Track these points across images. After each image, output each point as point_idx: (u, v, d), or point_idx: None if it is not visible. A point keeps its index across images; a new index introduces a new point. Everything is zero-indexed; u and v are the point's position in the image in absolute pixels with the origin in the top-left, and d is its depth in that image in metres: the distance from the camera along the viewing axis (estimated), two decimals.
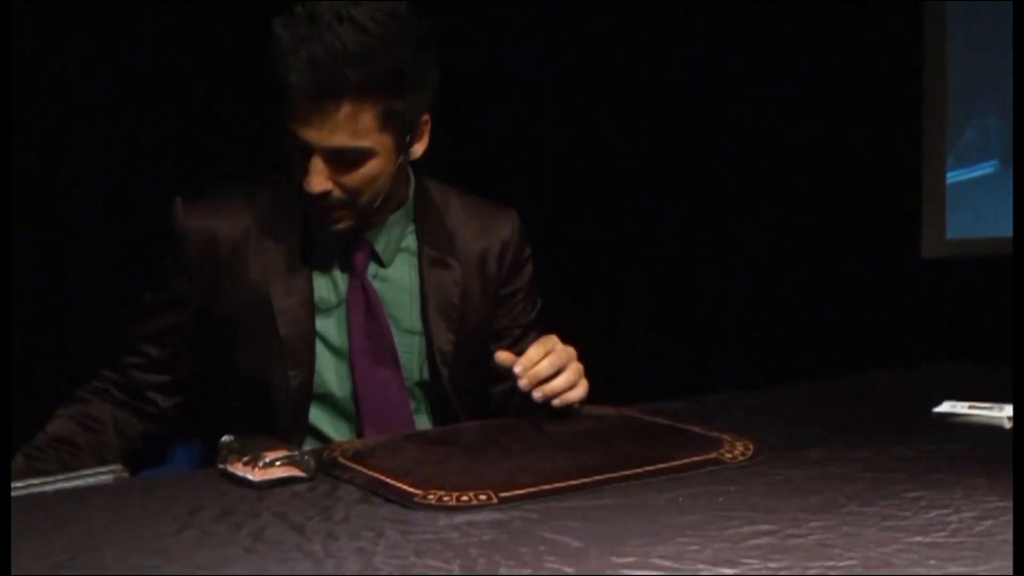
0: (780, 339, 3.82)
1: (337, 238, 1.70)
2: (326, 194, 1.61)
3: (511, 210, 1.90)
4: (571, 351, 1.65)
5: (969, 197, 3.90)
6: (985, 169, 3.90)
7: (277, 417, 1.69)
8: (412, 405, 1.77)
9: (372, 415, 1.71)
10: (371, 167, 1.62)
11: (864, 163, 3.80)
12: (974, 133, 3.91)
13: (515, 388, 1.63)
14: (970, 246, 3.85)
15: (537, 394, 1.60)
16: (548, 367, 1.60)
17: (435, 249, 1.77)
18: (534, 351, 1.61)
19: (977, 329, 3.55)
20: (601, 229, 3.78)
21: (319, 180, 1.59)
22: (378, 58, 1.54)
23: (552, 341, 1.64)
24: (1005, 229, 3.78)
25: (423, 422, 1.79)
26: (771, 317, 3.86)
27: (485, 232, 1.84)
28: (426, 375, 1.76)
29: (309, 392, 1.70)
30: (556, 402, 1.61)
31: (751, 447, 1.42)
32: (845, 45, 3.76)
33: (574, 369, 1.63)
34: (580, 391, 1.64)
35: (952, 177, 3.90)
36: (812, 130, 3.78)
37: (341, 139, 1.57)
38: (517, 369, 1.59)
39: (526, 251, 1.89)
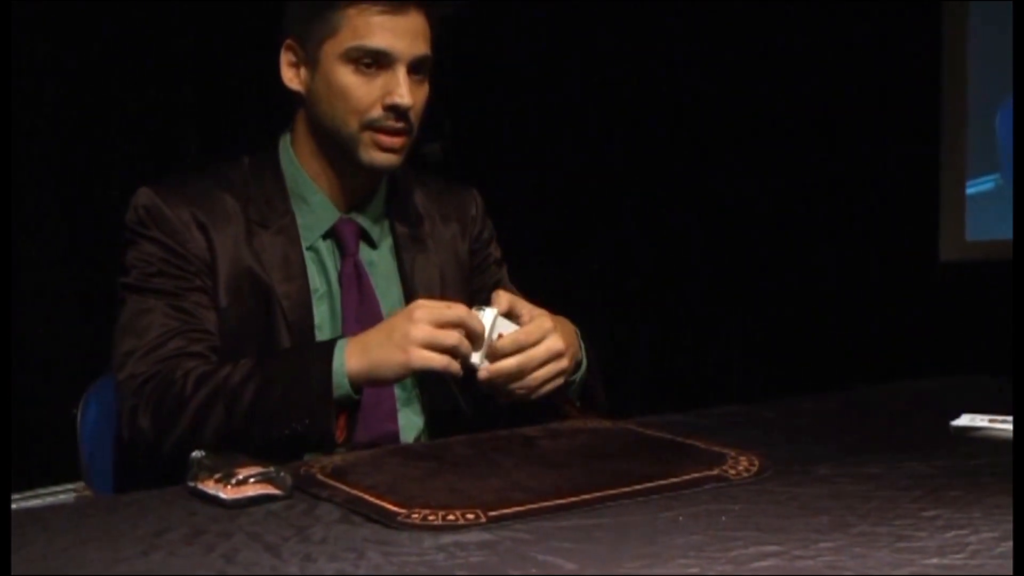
0: (789, 348, 3.83)
1: (381, 176, 1.77)
2: (408, 111, 1.68)
3: (471, 188, 1.99)
4: (553, 348, 1.64)
5: (984, 205, 3.92)
6: (984, 185, 3.93)
7: None
8: (402, 396, 1.79)
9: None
10: (427, 86, 1.73)
11: (881, 167, 3.82)
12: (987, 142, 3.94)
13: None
14: (991, 248, 3.87)
15: (486, 387, 1.61)
16: (514, 367, 1.60)
17: (410, 231, 1.85)
18: (519, 337, 1.61)
19: (999, 338, 3.56)
20: (604, 235, 3.80)
21: (409, 91, 1.67)
22: None
23: (535, 332, 1.63)
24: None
25: (414, 412, 1.81)
26: (779, 324, 3.87)
27: (454, 213, 1.92)
28: None
29: None
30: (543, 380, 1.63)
31: (757, 463, 1.42)
32: (864, 48, 3.78)
33: (543, 374, 1.63)
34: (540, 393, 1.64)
35: (974, 186, 3.93)
36: (828, 134, 3.80)
37: (421, 47, 1.69)
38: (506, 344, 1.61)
39: (489, 224, 1.98)
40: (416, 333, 1.53)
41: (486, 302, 1.69)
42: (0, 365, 2.10)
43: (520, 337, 1.61)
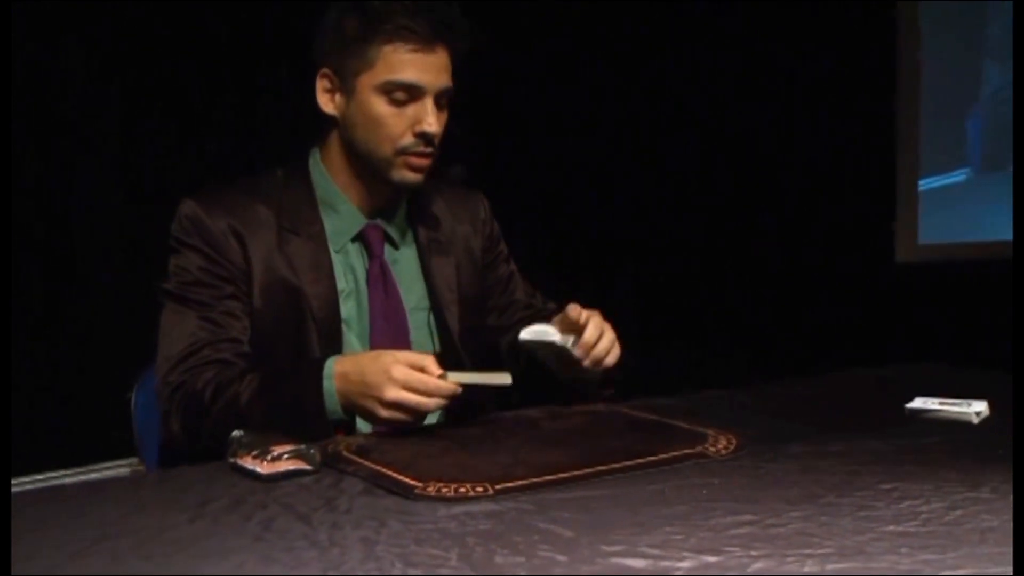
0: (762, 340, 3.83)
1: (408, 190, 1.76)
2: (435, 137, 1.69)
3: (478, 192, 1.99)
4: (601, 324, 1.71)
5: (943, 203, 3.89)
6: (958, 176, 3.90)
7: None
8: None
9: None
10: (447, 112, 1.73)
11: (841, 172, 3.80)
12: (948, 139, 3.89)
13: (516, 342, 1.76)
14: (941, 251, 3.86)
15: (587, 362, 1.67)
16: (594, 332, 1.67)
17: (430, 234, 1.84)
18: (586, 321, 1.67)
19: (947, 329, 3.56)
20: (588, 232, 3.78)
21: (436, 119, 1.69)
22: (454, 6, 1.68)
23: (581, 311, 1.68)
24: (978, 235, 3.78)
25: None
26: (754, 319, 3.87)
27: (465, 215, 1.92)
28: (438, 347, 1.80)
29: None
30: (605, 363, 1.69)
31: (734, 441, 1.42)
32: (819, 53, 3.72)
33: (609, 335, 1.70)
34: (616, 352, 1.71)
35: (927, 183, 3.89)
36: (791, 140, 3.77)
37: (446, 80, 1.70)
38: (579, 353, 1.67)
39: (495, 224, 1.99)
40: (381, 413, 1.51)
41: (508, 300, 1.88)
42: (1, 364, 2.08)
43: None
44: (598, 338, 1.67)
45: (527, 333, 1.68)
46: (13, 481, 2.44)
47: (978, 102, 3.83)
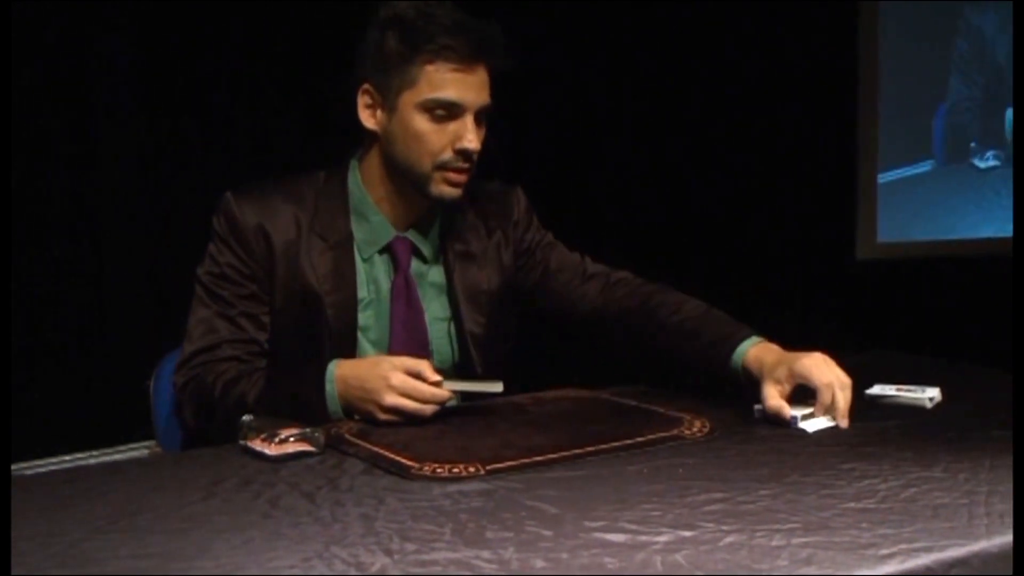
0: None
1: (449, 203, 1.67)
2: (474, 153, 1.62)
3: (515, 188, 1.86)
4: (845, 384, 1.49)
5: (904, 199, 3.87)
6: (922, 168, 3.87)
7: None
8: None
9: None
10: (484, 128, 1.65)
11: (804, 171, 3.75)
12: (910, 133, 3.85)
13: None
14: (898, 249, 3.86)
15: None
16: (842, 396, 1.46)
17: (459, 247, 1.75)
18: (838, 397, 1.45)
19: (903, 320, 3.57)
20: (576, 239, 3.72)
21: (478, 136, 1.62)
22: (494, 25, 1.61)
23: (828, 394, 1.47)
24: (938, 228, 3.78)
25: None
26: (730, 313, 3.84)
27: (497, 223, 1.80)
28: (458, 357, 1.74)
29: None
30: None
31: (708, 425, 1.42)
32: (782, 49, 3.62)
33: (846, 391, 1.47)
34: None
35: (890, 175, 3.86)
36: (757, 139, 3.70)
37: (485, 97, 1.62)
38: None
39: (534, 219, 1.86)
40: (380, 416, 1.48)
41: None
42: (1, 356, 2.05)
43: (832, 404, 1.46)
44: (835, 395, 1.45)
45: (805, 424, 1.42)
46: (41, 462, 2.44)
47: (944, 102, 3.81)
